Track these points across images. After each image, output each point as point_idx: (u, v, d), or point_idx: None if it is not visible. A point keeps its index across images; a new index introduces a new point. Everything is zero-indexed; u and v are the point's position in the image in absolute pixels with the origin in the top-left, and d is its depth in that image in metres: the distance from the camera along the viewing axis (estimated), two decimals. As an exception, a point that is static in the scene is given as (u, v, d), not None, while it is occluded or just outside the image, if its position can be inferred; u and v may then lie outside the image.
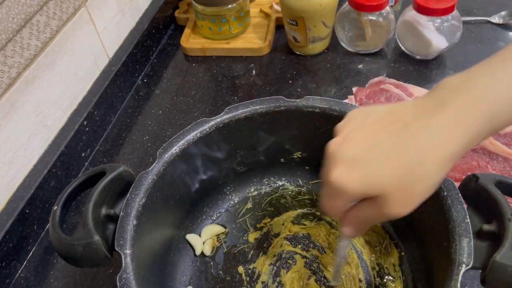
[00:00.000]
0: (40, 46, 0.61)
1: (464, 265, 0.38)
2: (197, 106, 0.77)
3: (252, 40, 0.87)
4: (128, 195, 0.46)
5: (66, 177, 0.66)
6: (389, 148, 0.34)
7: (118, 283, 0.40)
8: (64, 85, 0.67)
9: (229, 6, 0.83)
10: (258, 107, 0.53)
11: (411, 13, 0.76)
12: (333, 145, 0.37)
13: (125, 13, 0.81)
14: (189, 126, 0.52)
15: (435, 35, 0.75)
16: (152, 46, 0.88)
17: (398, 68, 0.79)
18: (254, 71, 0.83)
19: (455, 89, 0.35)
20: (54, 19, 0.63)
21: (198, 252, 0.56)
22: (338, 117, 0.52)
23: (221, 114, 0.53)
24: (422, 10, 0.73)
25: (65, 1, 0.65)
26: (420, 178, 0.34)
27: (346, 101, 0.74)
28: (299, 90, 0.78)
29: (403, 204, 0.35)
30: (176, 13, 0.94)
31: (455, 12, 0.75)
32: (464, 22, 0.79)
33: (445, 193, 0.43)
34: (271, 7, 0.92)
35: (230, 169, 0.59)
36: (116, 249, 0.42)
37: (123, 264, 0.41)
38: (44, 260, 0.59)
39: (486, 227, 0.41)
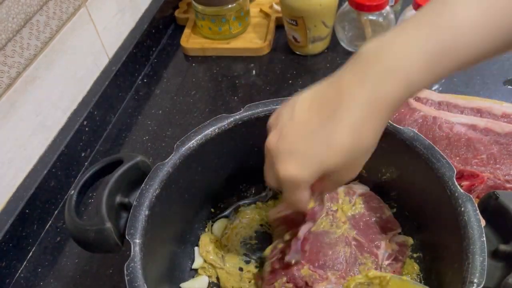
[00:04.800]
0: (40, 46, 0.61)
1: (475, 285, 0.37)
2: (197, 106, 0.77)
3: (252, 40, 0.87)
4: (142, 185, 0.46)
5: (66, 177, 0.66)
6: (326, 136, 0.36)
7: (125, 271, 0.41)
8: (64, 85, 0.67)
9: (229, 6, 0.83)
10: (278, 106, 0.52)
11: (411, 13, 0.76)
12: (271, 143, 0.39)
13: (125, 13, 0.81)
14: (207, 122, 0.52)
15: (435, 35, 0.75)
16: (152, 46, 0.88)
17: (398, 68, 0.79)
18: (254, 71, 0.83)
19: (371, 60, 0.36)
20: (54, 19, 0.63)
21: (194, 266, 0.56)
22: None
23: (241, 111, 0.53)
24: (422, 10, 0.73)
25: (65, 1, 0.65)
26: (359, 155, 0.37)
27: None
28: (299, 90, 0.77)
29: (351, 173, 0.39)
30: (176, 13, 0.94)
31: (455, 12, 0.74)
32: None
33: (462, 209, 0.42)
34: (271, 7, 0.92)
35: (247, 167, 0.58)
36: (127, 237, 0.43)
37: (132, 253, 0.42)
38: (44, 260, 0.59)
39: (503, 247, 0.40)
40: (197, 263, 0.55)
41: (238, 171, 0.59)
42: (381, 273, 0.42)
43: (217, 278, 0.54)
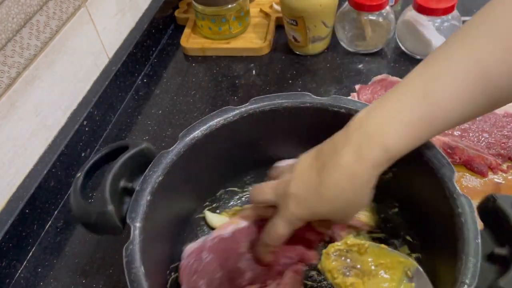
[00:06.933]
0: (40, 46, 0.61)
1: (466, 286, 0.37)
2: (197, 106, 0.77)
3: (252, 40, 0.87)
4: (146, 171, 0.47)
5: (66, 177, 0.66)
6: (316, 188, 0.43)
7: (124, 253, 0.41)
8: (64, 85, 0.67)
9: (229, 6, 0.83)
10: (284, 101, 0.53)
11: (411, 13, 0.76)
12: (286, 181, 0.46)
13: (125, 13, 0.81)
14: (213, 112, 0.52)
15: (435, 35, 0.75)
16: (152, 46, 0.88)
17: (398, 68, 0.79)
18: (254, 71, 0.83)
19: (358, 126, 0.42)
20: (54, 19, 0.63)
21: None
22: None
23: (246, 104, 0.53)
24: (422, 10, 0.73)
25: (65, 1, 0.65)
26: (343, 206, 0.43)
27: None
28: (299, 90, 0.78)
29: (343, 219, 0.46)
30: (176, 13, 0.94)
31: (455, 12, 0.75)
32: (464, 22, 0.78)
33: (460, 210, 0.42)
34: (271, 7, 0.92)
35: (250, 160, 0.59)
36: (127, 221, 0.43)
37: (131, 236, 0.42)
38: (44, 260, 0.59)
39: (498, 250, 0.40)
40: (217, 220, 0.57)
41: (243, 163, 0.59)
42: (359, 240, 0.44)
43: None
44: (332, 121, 0.53)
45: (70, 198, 0.46)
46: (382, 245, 0.45)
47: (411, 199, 0.54)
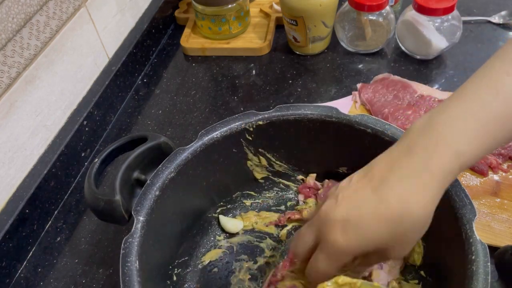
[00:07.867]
0: (40, 46, 0.61)
1: None
2: (197, 106, 0.77)
3: (252, 40, 0.87)
4: (159, 166, 0.47)
5: (66, 177, 0.66)
6: (374, 206, 0.36)
7: (122, 245, 0.42)
8: (64, 85, 0.67)
9: (229, 6, 0.83)
10: (309, 112, 0.52)
11: (411, 13, 0.76)
12: (326, 208, 0.38)
13: (125, 13, 0.81)
14: (236, 115, 0.52)
15: (435, 35, 0.75)
16: (152, 46, 0.88)
17: (398, 68, 0.79)
18: (254, 71, 0.83)
19: (419, 133, 0.36)
20: (54, 19, 0.63)
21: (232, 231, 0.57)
22: (389, 142, 0.46)
23: (271, 110, 0.52)
24: (422, 10, 0.73)
25: (65, 1, 0.65)
26: (409, 227, 0.36)
27: (349, 97, 0.74)
28: (299, 90, 0.78)
29: (402, 250, 0.38)
30: (176, 13, 0.94)
31: (455, 12, 0.75)
32: (464, 22, 0.79)
33: (473, 257, 0.40)
34: (271, 7, 0.92)
35: (270, 166, 0.58)
36: (132, 213, 0.44)
37: (133, 229, 0.43)
38: (44, 260, 0.59)
39: None
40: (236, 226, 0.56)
41: (261, 169, 0.58)
42: (351, 279, 0.40)
43: None
44: (358, 140, 0.51)
45: (84, 183, 0.47)
46: (375, 283, 0.42)
47: (432, 234, 0.51)
